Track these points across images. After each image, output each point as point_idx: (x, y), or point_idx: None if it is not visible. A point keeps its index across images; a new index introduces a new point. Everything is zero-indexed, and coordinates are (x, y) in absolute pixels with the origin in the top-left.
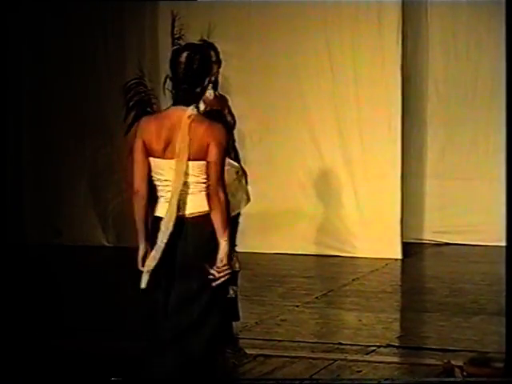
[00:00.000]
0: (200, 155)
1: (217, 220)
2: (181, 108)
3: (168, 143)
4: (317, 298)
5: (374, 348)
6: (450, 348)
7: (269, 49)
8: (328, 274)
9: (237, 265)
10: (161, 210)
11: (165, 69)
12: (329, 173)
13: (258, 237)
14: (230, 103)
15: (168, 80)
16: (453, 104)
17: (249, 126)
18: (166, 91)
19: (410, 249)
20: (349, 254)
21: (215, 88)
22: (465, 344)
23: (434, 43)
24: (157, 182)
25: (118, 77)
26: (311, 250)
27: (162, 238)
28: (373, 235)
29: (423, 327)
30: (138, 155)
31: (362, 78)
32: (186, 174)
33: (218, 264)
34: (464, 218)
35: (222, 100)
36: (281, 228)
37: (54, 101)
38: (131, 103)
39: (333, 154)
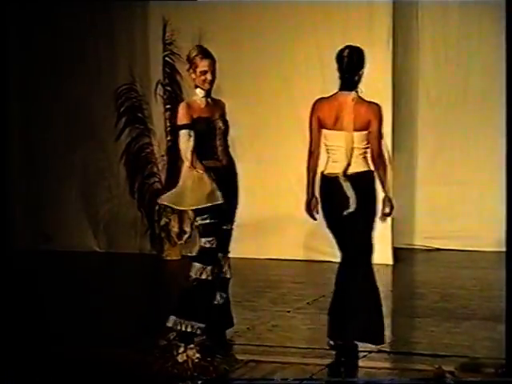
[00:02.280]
0: (362, 127)
1: (382, 175)
2: (346, 93)
3: (337, 119)
4: (308, 303)
5: (365, 353)
6: (441, 353)
7: (259, 54)
8: (319, 280)
9: (228, 272)
10: (330, 168)
11: (156, 74)
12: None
13: (249, 242)
14: (226, 108)
15: (159, 85)
16: (443, 109)
17: (239, 131)
18: (158, 96)
19: (401, 254)
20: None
21: (208, 95)
22: (456, 349)
23: (425, 48)
24: (328, 148)
25: (109, 82)
26: (302, 255)
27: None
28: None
29: (414, 332)
30: (315, 127)
31: None
32: (352, 141)
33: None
34: (455, 223)
35: (216, 106)
36: (272, 233)
37: (44, 106)
38: (122, 109)
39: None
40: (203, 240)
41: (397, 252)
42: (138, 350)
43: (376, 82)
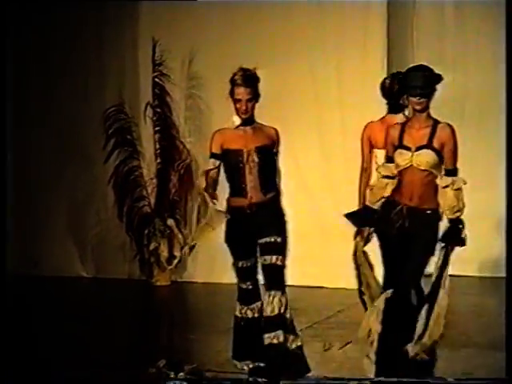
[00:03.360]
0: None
1: None
2: (393, 115)
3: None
4: (301, 330)
5: (358, 382)
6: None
7: None
8: (312, 306)
9: (276, 309)
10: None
11: (145, 95)
12: (313, 201)
13: None
14: (276, 139)
15: (148, 107)
16: None
17: None
18: (147, 118)
19: None
20: (333, 285)
21: (248, 123)
22: (452, 376)
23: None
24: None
25: (98, 103)
26: (295, 281)
27: None
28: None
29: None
30: (366, 147)
31: (347, 102)
32: None
33: None
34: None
35: (257, 136)
36: None
37: (30, 128)
38: (111, 131)
39: (317, 181)
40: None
41: None
42: (127, 377)
43: (370, 103)
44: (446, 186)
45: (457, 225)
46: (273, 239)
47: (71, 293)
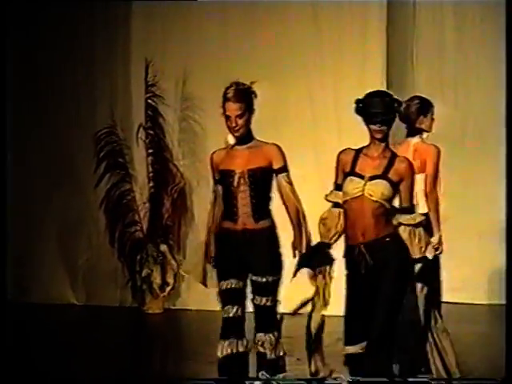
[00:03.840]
0: (420, 170)
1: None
2: (410, 138)
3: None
4: (298, 359)
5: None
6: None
7: None
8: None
9: (268, 353)
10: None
11: (138, 117)
12: (310, 225)
13: None
14: (276, 158)
15: (141, 129)
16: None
17: None
18: (140, 140)
19: None
20: (332, 312)
21: (243, 142)
22: None
23: (420, 90)
24: None
25: (88, 125)
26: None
27: None
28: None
29: None
30: None
31: (345, 125)
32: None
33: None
34: (452, 274)
35: (253, 156)
36: None
37: (17, 149)
38: (102, 153)
39: (313, 205)
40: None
41: None
42: None
43: None
44: (402, 224)
45: (426, 263)
46: (264, 279)
47: (61, 321)
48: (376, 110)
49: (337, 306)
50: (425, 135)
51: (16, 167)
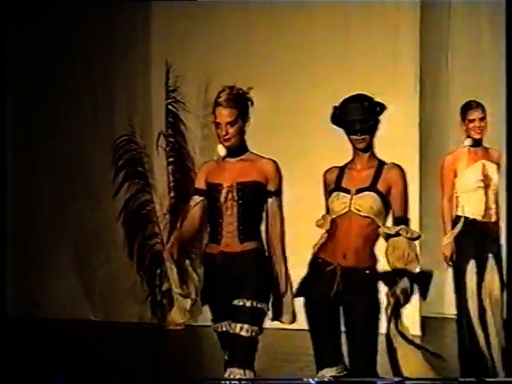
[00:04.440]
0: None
1: None
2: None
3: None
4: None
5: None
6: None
7: (272, 102)
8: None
9: None
10: None
11: (158, 124)
12: None
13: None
14: (272, 174)
15: (161, 136)
16: None
17: None
18: (160, 148)
19: (430, 324)
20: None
21: (235, 154)
22: None
23: (456, 97)
24: None
25: (106, 133)
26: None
27: None
28: None
29: None
30: (449, 176)
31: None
32: None
33: None
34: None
35: (246, 169)
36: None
37: (34, 158)
38: (121, 162)
39: None
40: None
41: (425, 321)
42: None
43: (402, 138)
44: (397, 234)
45: (409, 278)
46: (241, 302)
47: (77, 337)
48: (354, 117)
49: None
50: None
51: (30, 177)
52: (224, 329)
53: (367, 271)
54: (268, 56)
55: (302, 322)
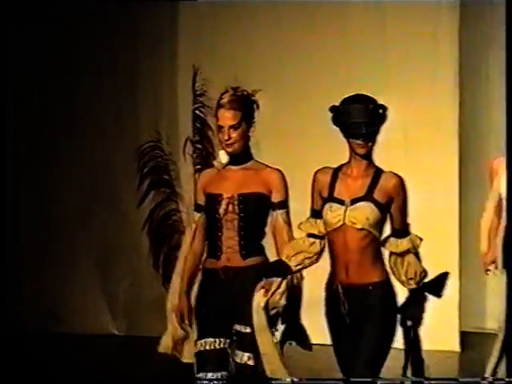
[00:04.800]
0: None
1: None
2: None
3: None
4: None
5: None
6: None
7: (304, 110)
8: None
9: None
10: None
11: (185, 130)
12: None
13: None
14: (277, 185)
15: (188, 142)
16: None
17: None
18: (187, 155)
19: (470, 339)
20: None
21: (238, 162)
22: None
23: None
24: None
25: (131, 139)
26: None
27: None
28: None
29: None
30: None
31: (413, 146)
32: None
33: None
34: None
35: (249, 178)
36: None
37: (55, 165)
38: (146, 169)
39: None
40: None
41: (465, 337)
42: None
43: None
44: (401, 253)
45: (417, 295)
46: (248, 329)
47: (100, 353)
48: (357, 119)
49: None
50: None
51: (48, 184)
52: (207, 348)
53: (370, 287)
54: (301, 58)
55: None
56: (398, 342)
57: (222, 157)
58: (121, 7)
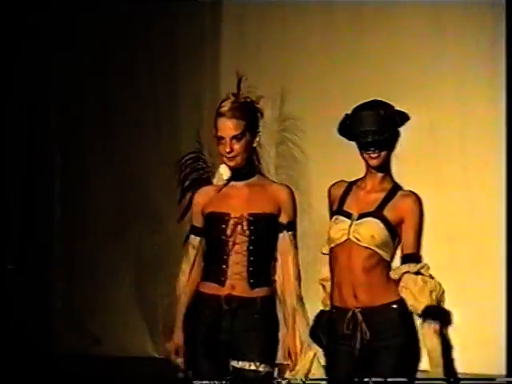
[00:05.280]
0: None
1: None
2: None
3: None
4: None
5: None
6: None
7: None
8: None
9: None
10: None
11: None
12: None
13: None
14: (287, 204)
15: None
16: None
17: None
18: None
19: None
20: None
21: (242, 177)
22: None
23: None
24: None
25: (171, 149)
26: None
27: None
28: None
29: None
30: None
31: (472, 157)
32: None
33: None
34: None
35: (256, 197)
36: None
37: (90, 177)
38: (187, 182)
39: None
40: None
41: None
42: None
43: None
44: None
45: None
46: (253, 366)
47: (140, 376)
48: (366, 127)
49: None
50: None
51: (88, 196)
52: None
53: (394, 305)
54: (351, 65)
55: None
56: None
57: (223, 172)
58: (161, 8)
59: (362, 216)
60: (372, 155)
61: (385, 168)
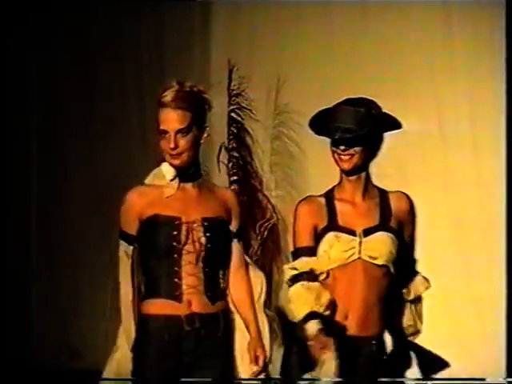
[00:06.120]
0: None
1: None
2: None
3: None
4: None
5: None
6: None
7: None
8: None
9: None
10: None
11: (219, 135)
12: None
13: None
14: (235, 209)
15: (223, 150)
16: None
17: None
18: (221, 164)
19: None
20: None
21: (188, 178)
22: None
23: None
24: None
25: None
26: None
27: None
28: (468, 350)
29: None
30: None
31: (483, 151)
32: None
33: None
34: None
35: (205, 201)
36: None
37: (69, 177)
38: None
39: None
40: None
41: None
42: None
43: None
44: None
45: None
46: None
47: None
48: (338, 123)
49: None
50: None
51: (66, 197)
52: None
53: (374, 342)
54: (352, 55)
55: None
56: None
57: (166, 171)
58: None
59: (368, 231)
60: (342, 156)
61: (361, 170)
